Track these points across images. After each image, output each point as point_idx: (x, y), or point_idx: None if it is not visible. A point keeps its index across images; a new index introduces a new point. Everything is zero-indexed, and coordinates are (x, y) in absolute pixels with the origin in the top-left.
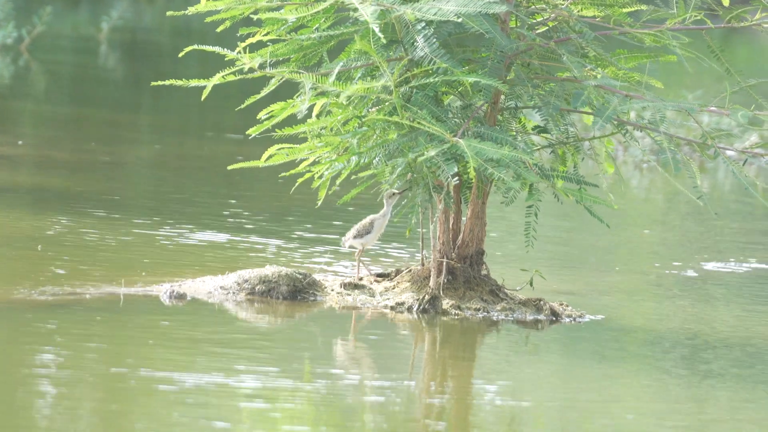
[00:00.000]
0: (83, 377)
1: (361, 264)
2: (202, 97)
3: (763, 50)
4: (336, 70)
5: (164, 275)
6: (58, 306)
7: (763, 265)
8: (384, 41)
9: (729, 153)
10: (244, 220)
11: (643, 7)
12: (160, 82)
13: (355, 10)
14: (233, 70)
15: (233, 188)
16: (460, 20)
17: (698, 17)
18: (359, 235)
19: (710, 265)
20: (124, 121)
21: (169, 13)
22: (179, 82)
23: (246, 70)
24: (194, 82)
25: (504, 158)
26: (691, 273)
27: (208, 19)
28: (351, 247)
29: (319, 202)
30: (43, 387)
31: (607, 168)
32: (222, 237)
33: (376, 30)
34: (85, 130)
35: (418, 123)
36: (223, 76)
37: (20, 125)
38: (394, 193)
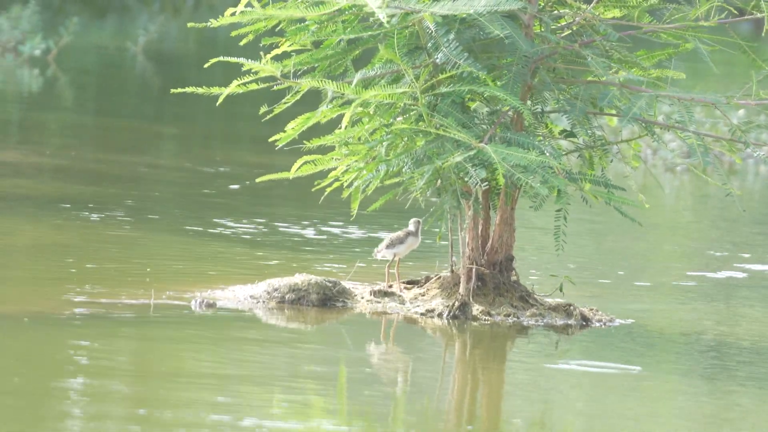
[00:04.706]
0: (113, 386)
1: (390, 273)
2: (218, 103)
3: None
4: (358, 77)
5: (194, 284)
6: (88, 316)
7: None
8: (387, 24)
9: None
10: (274, 228)
11: (667, 5)
12: (180, 90)
13: (372, 13)
14: (253, 79)
15: (261, 196)
16: (472, 17)
17: (722, 16)
18: (392, 245)
19: (741, 268)
20: (151, 130)
21: (190, 24)
22: (200, 90)
23: (267, 78)
24: (216, 90)
25: (531, 164)
26: (721, 276)
27: (234, 33)
28: (383, 257)
29: (353, 214)
30: (72, 397)
31: (633, 163)
32: (251, 245)
33: (382, 18)
34: (113, 139)
35: (444, 130)
36: (245, 84)
37: (48, 135)
38: (419, 221)
